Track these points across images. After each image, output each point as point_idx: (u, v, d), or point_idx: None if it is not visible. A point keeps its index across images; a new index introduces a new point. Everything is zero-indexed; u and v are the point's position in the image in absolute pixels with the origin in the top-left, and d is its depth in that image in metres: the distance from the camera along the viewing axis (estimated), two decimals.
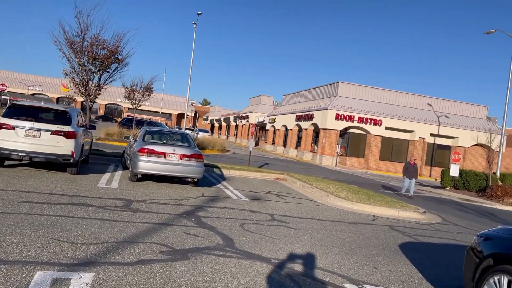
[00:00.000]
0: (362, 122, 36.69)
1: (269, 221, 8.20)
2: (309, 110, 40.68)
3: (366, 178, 26.08)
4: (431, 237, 8.78)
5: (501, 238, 3.86)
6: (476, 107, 42.07)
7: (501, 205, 18.92)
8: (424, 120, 38.46)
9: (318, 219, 9.14)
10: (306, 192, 13.84)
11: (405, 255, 6.73)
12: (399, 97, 39.61)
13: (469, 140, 39.15)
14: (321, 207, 11.08)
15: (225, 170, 16.19)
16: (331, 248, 6.64)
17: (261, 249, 6.01)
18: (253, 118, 60.26)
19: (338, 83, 38.33)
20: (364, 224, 9.29)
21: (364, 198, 12.69)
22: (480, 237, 4.16)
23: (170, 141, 12.20)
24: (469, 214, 14.19)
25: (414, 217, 11.44)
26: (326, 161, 36.13)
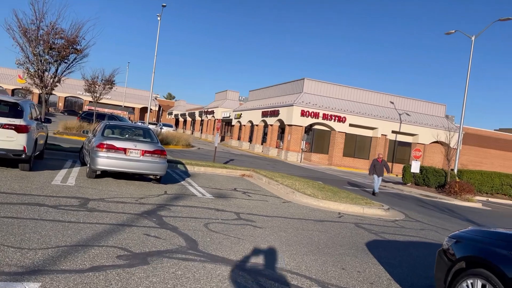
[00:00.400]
0: (327, 119, 37.05)
1: (235, 220, 7.94)
2: (275, 106, 40.66)
3: (330, 174, 26.32)
4: (396, 235, 8.80)
5: (473, 240, 3.77)
6: (435, 106, 43.46)
7: (459, 200, 19.53)
8: (386, 118, 39.33)
9: (285, 217, 8.96)
10: (272, 189, 13.68)
11: (372, 254, 6.65)
12: (362, 95, 40.29)
13: (429, 137, 40.45)
14: (287, 204, 10.94)
15: (189, 167, 15.77)
16: (298, 248, 6.46)
17: (226, 251, 5.73)
18: (219, 113, 59.73)
19: (303, 80, 38.51)
20: (331, 222, 9.20)
21: (329, 195, 12.67)
22: (452, 239, 4.06)
23: (131, 136, 11.66)
24: (430, 210, 14.49)
25: (379, 214, 11.52)
26: (291, 157, 36.26)
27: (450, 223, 11.95)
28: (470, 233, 3.95)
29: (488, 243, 3.57)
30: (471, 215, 14.78)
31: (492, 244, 3.53)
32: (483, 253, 3.53)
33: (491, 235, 3.70)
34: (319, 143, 38.53)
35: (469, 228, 4.18)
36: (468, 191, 20.83)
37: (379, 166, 17.05)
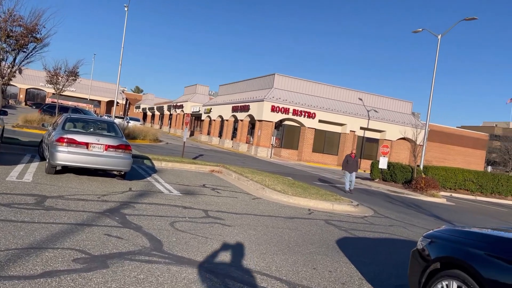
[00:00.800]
0: (297, 115, 37.14)
1: (203, 218, 7.65)
2: (245, 101, 40.39)
3: (300, 170, 26.36)
4: (366, 231, 8.76)
5: (448, 240, 3.66)
6: (402, 103, 44.38)
7: (425, 196, 19.95)
8: (355, 114, 39.82)
9: (255, 214, 8.75)
10: (242, 185, 13.44)
11: (343, 252, 6.53)
12: (332, 91, 40.62)
13: (396, 133, 41.27)
14: (257, 201, 10.73)
15: (156, 162, 15.30)
16: (268, 247, 6.25)
17: (193, 252, 5.45)
18: (188, 108, 58.87)
19: (274, 75, 38.41)
20: (301, 219, 9.06)
21: (299, 191, 12.56)
22: (427, 238, 3.94)
23: (94, 130, 11.11)
24: (397, 206, 14.66)
25: (348, 210, 11.50)
26: (262, 153, 36.15)
27: (417, 218, 12.10)
28: (445, 232, 3.84)
29: (463, 243, 3.47)
30: (436, 211, 15.07)
31: (467, 245, 3.42)
32: (458, 253, 3.42)
33: (466, 235, 3.60)
34: (289, 139, 38.60)
35: (443, 228, 4.08)
36: (433, 187, 21.32)
37: (351, 162, 16.78)
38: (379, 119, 40.98)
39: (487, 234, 3.51)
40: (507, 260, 3.03)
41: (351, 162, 16.73)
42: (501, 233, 3.60)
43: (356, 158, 17.08)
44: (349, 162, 16.73)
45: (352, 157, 16.94)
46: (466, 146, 49.08)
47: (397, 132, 41.04)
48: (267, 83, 39.42)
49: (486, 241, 3.34)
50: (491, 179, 27.35)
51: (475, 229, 3.78)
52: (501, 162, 67.66)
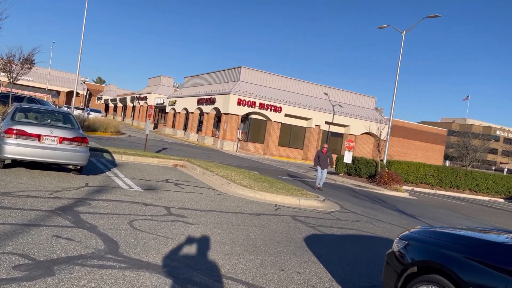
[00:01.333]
0: (263, 108, 36.92)
1: (165, 216, 7.21)
2: (211, 94, 39.75)
3: (266, 164, 26.18)
4: (333, 228, 8.59)
5: (425, 242, 3.43)
6: (366, 98, 45.08)
7: (388, 190, 20.23)
8: (320, 109, 40.06)
9: (220, 211, 8.38)
10: (207, 179, 13.03)
11: (311, 251, 6.29)
12: (298, 85, 40.65)
13: (360, 128, 41.91)
14: (223, 196, 10.37)
15: (117, 155, 14.60)
16: (234, 247, 5.91)
17: (152, 254, 5.03)
18: (152, 100, 57.45)
19: (240, 68, 37.96)
20: (268, 215, 8.78)
21: (266, 186, 12.29)
22: (403, 240, 3.70)
23: (48, 121, 10.36)
24: (363, 201, 14.69)
25: (315, 205, 11.34)
26: (227, 146, 35.73)
27: (383, 213, 12.12)
28: (422, 234, 3.61)
29: (441, 246, 3.26)
30: (400, 205, 15.24)
31: (446, 247, 3.21)
32: (437, 257, 3.20)
33: (444, 237, 3.39)
34: (255, 133, 38.36)
35: (419, 228, 3.87)
36: (396, 181, 21.67)
37: (323, 158, 15.98)
38: (343, 114, 41.43)
39: (467, 237, 3.31)
40: (490, 265, 2.84)
41: (323, 158, 15.98)
42: (481, 235, 3.41)
43: (329, 153, 16.22)
44: (321, 158, 15.99)
45: (324, 152, 16.09)
46: (426, 141, 50.60)
47: (361, 127, 41.69)
48: (233, 76, 38.93)
49: (466, 244, 3.14)
50: (450, 173, 28.21)
51: (453, 231, 3.59)
52: (458, 157, 70.47)
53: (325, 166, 15.83)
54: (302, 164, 33.03)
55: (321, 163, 15.84)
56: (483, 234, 3.50)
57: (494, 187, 29.65)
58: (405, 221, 11.30)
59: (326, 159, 15.90)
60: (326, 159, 15.90)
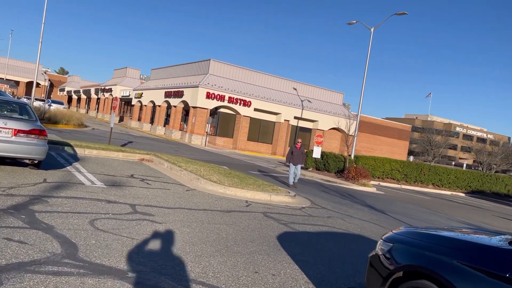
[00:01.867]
0: (232, 102, 36.51)
1: (130, 214, 6.77)
2: (179, 86, 38.93)
3: (235, 159, 25.85)
4: (305, 225, 8.39)
5: (413, 245, 3.21)
6: (334, 94, 45.47)
7: (357, 185, 20.37)
8: (289, 104, 40.06)
9: (189, 209, 8.01)
10: (175, 175, 12.57)
11: (285, 251, 6.04)
12: (267, 80, 40.46)
13: (328, 123, 42.27)
14: (191, 192, 9.98)
15: (79, 149, 13.88)
16: (204, 247, 5.58)
17: (115, 258, 4.62)
18: (118, 92, 55.77)
19: (209, 61, 37.34)
20: (239, 212, 8.48)
21: (236, 181, 11.98)
22: (387, 242, 3.46)
23: (3, 112, 9.60)
24: (333, 196, 14.65)
25: (286, 201, 11.15)
26: (196, 140, 35.14)
27: (353, 209, 12.07)
28: (407, 236, 3.40)
29: (430, 249, 3.04)
30: (369, 200, 15.31)
31: (435, 251, 3.00)
32: (426, 261, 2.99)
33: (432, 239, 3.18)
34: (224, 127, 37.92)
35: (404, 229, 3.66)
36: (364, 176, 21.88)
37: (297, 154, 15.25)
38: (312, 109, 41.63)
39: (457, 239, 3.10)
40: (487, 271, 2.64)
41: (296, 154, 15.22)
42: (472, 238, 3.22)
43: (302, 149, 15.47)
44: (294, 154, 15.23)
45: (297, 148, 15.33)
46: (392, 137, 51.70)
47: (329, 122, 42.05)
48: (202, 69, 38.25)
49: (458, 248, 2.94)
50: (415, 168, 28.84)
51: (440, 232, 3.40)
52: (420, 153, 72.61)
53: (298, 162, 15.20)
54: (271, 159, 32.92)
55: (294, 159, 15.18)
56: (472, 236, 3.33)
57: (456, 182, 30.60)
58: (375, 216, 11.29)
59: (300, 155, 15.26)
60: (300, 155, 15.25)
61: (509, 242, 2.99)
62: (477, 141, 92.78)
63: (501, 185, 33.49)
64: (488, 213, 18.58)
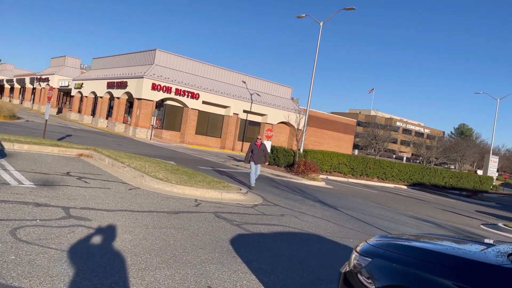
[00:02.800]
0: (180, 94, 35.34)
1: (62, 220, 5.92)
2: (122, 77, 37.06)
3: (183, 153, 24.94)
4: (259, 225, 7.91)
5: (398, 261, 2.68)
6: (283, 88, 45.52)
7: (306, 180, 20.29)
8: (238, 97, 39.52)
9: (132, 211, 7.24)
10: (117, 172, 11.62)
11: (240, 257, 5.51)
12: (216, 72, 39.61)
13: (276, 117, 42.26)
14: (135, 191, 9.16)
15: (7, 144, 12.48)
16: (149, 258, 4.90)
17: (39, 278, 3.84)
18: (56, 82, 52.37)
19: (155, 51, 35.82)
20: (188, 213, 7.83)
21: (184, 178, 11.27)
22: (365, 257, 2.96)
23: None
24: (284, 192, 14.34)
25: (237, 199, 10.63)
26: (141, 134, 33.66)
27: (305, 205, 11.79)
28: (388, 249, 2.94)
29: (417, 266, 2.57)
30: (320, 195, 15.18)
31: (424, 268, 2.54)
32: (415, 282, 2.53)
33: (418, 254, 2.70)
34: (171, 120, 36.66)
35: (380, 240, 3.19)
36: (313, 171, 21.89)
37: (257, 151, 13.59)
38: (261, 102, 41.39)
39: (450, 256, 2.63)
40: None
41: (257, 152, 13.57)
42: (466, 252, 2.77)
43: (263, 146, 13.79)
44: (254, 152, 13.56)
45: (258, 145, 13.62)
46: (338, 131, 52.81)
47: (278, 116, 42.05)
48: (147, 59, 36.64)
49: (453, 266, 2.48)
50: (361, 162, 29.47)
51: (425, 244, 2.98)
52: (364, 146, 75.18)
53: (259, 161, 13.60)
54: (220, 153, 32.27)
55: (254, 158, 13.55)
56: (464, 249, 2.91)
57: (399, 175, 31.70)
58: (328, 213, 11.08)
59: (261, 153, 13.65)
60: (261, 153, 13.66)
61: (508, 255, 2.65)
62: (415, 135, 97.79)
63: (439, 177, 35.23)
64: (431, 206, 19.22)
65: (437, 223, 13.06)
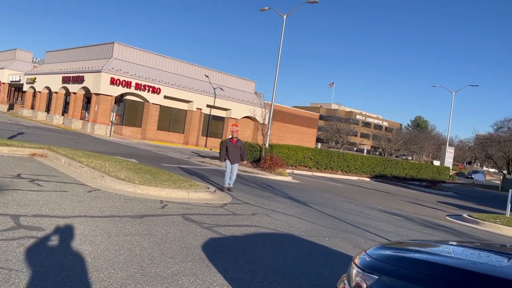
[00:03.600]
0: (140, 89, 34.14)
1: (10, 231, 5.22)
2: (79, 71, 35.35)
3: (145, 150, 24.03)
4: (231, 226, 7.47)
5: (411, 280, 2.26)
6: (246, 82, 45.09)
7: (273, 175, 20.03)
8: (201, 91, 38.73)
9: (92, 216, 6.59)
10: (74, 172, 10.80)
11: (214, 266, 5.05)
12: (178, 66, 38.59)
13: (241, 112, 41.81)
14: (95, 194, 8.47)
15: None
16: (112, 273, 4.35)
17: None
18: (5, 76, 49.39)
19: (113, 44, 34.36)
20: (154, 217, 7.26)
21: (148, 178, 10.63)
22: (369, 273, 2.54)
23: None
24: (253, 188, 13.96)
25: (206, 198, 10.14)
26: (99, 131, 32.26)
27: (275, 202, 11.46)
28: (394, 263, 2.50)
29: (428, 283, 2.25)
30: (288, 191, 14.92)
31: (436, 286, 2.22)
32: None
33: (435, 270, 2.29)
34: (131, 115, 35.39)
35: (383, 252, 2.74)
36: (280, 165, 21.67)
37: (232, 149, 12.20)
38: (225, 97, 40.79)
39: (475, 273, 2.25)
40: None
41: (232, 149, 12.18)
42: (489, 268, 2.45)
43: (240, 143, 12.37)
44: (229, 149, 12.19)
45: (233, 142, 12.23)
46: (301, 125, 53.09)
47: (242, 111, 41.62)
48: (105, 53, 35.09)
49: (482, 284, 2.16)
50: (325, 156, 29.60)
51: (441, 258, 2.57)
52: (326, 140, 76.25)
53: (236, 160, 12.21)
54: (184, 149, 31.47)
55: (230, 156, 12.17)
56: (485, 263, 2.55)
57: (362, 167, 32.15)
58: (299, 210, 10.79)
59: (237, 150, 12.25)
60: (237, 151, 12.26)
61: None
62: (374, 128, 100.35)
63: (400, 169, 36.07)
64: (397, 198, 19.47)
65: (406, 216, 13.11)
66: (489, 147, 48.14)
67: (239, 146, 12.30)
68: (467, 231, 11.78)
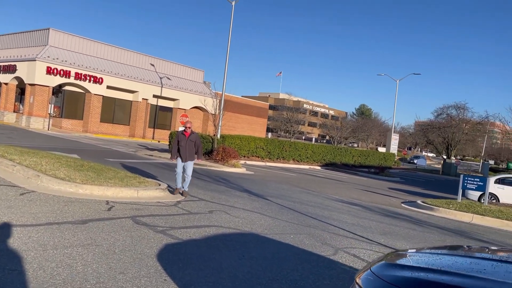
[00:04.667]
0: (80, 79, 31.97)
1: None
2: (10, 60, 32.46)
3: (88, 144, 22.44)
4: (188, 228, 6.76)
5: None
6: (194, 71, 43.82)
7: (227, 167, 19.39)
8: (147, 81, 37.07)
9: (24, 225, 5.62)
10: (5, 172, 9.53)
11: (173, 281, 4.35)
12: (122, 54, 36.59)
13: (189, 102, 40.60)
14: (29, 196, 7.40)
15: None
16: None
17: None
18: None
19: (49, 30, 31.81)
20: (99, 221, 6.39)
21: (91, 175, 9.61)
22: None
23: None
24: (206, 182, 13.25)
25: (157, 196, 9.33)
26: (36, 124, 29.88)
27: (232, 197, 10.85)
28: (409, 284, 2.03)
29: None
30: (244, 183, 14.36)
31: None
32: None
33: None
34: (71, 107, 33.12)
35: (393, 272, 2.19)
36: (233, 157, 21.06)
37: (185, 143, 9.97)
38: (172, 87, 39.37)
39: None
40: None
41: (185, 144, 9.97)
42: None
43: (194, 136, 10.16)
44: (182, 144, 9.98)
45: (186, 135, 10.04)
46: (251, 115, 52.66)
47: (191, 101, 40.43)
48: (40, 40, 32.44)
49: None
50: (277, 145, 29.36)
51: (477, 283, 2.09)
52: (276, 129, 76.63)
53: (189, 157, 10.04)
54: (129, 142, 29.94)
55: (182, 153, 10.01)
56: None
57: (313, 156, 32.30)
58: (257, 204, 10.26)
59: (191, 145, 10.08)
60: (191, 146, 10.09)
61: None
62: (321, 117, 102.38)
63: (349, 156, 36.73)
64: (350, 187, 19.54)
65: (364, 206, 13.01)
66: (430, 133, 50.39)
67: (193, 140, 10.10)
68: (424, 218, 11.84)
